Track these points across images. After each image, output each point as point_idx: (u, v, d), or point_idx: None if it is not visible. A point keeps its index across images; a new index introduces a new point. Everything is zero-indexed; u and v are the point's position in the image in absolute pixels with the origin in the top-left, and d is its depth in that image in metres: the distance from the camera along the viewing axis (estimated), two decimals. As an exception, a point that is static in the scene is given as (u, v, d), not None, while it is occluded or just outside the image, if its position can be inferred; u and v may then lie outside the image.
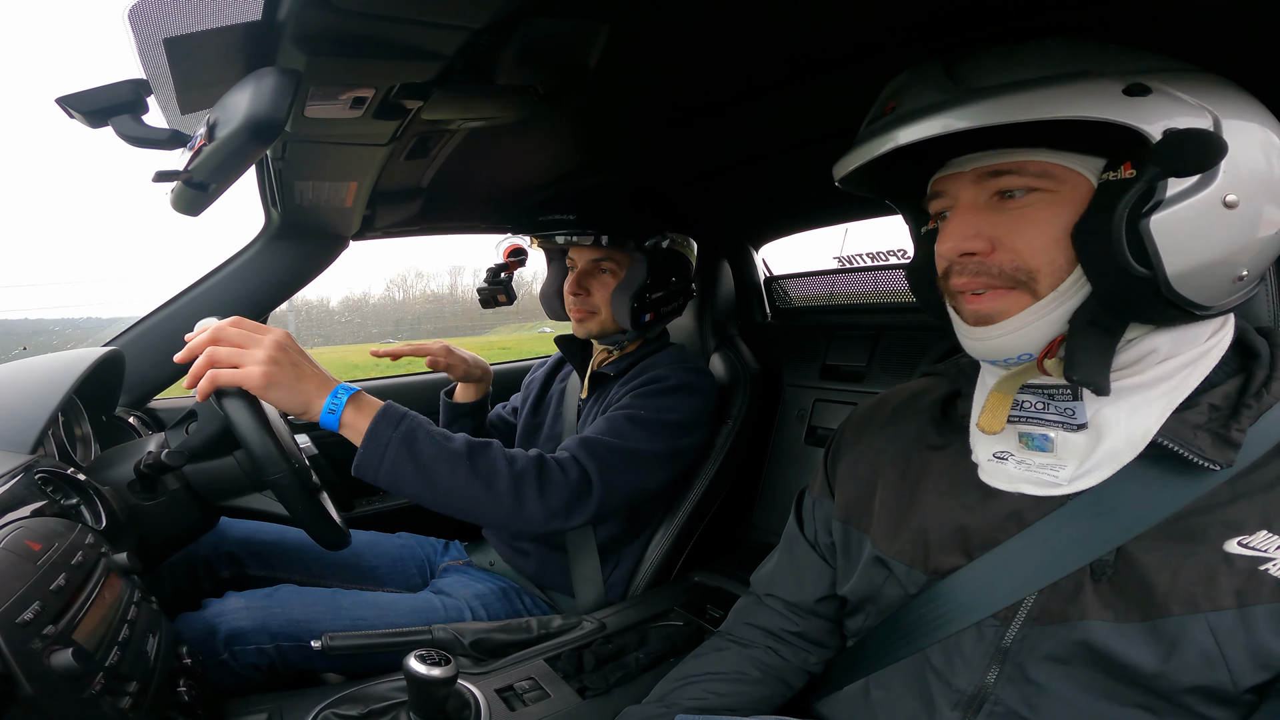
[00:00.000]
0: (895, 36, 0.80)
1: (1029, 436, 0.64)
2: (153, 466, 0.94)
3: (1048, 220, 0.59)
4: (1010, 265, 0.60)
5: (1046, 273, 0.59)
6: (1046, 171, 0.59)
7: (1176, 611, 0.54)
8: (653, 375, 1.25)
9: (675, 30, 0.80)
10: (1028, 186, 0.60)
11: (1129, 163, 0.55)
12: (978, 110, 0.55)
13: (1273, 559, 0.52)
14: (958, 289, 0.64)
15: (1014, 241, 0.60)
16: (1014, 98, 0.55)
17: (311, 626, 1.05)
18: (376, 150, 0.97)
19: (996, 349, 0.62)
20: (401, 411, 0.95)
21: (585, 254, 1.32)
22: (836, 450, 0.84)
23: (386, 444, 0.92)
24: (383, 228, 1.49)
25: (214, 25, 0.52)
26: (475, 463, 0.96)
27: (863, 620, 0.75)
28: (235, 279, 1.44)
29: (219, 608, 1.04)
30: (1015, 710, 0.60)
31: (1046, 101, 0.54)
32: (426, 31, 0.65)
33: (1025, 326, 0.60)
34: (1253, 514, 0.54)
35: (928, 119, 0.57)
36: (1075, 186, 0.58)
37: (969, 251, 0.62)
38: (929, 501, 0.69)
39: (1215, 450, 0.55)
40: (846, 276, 1.68)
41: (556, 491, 1.02)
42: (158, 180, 0.69)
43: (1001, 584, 0.62)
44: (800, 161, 1.30)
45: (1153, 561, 0.56)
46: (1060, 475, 0.61)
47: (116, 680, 0.65)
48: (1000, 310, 0.61)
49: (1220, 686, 0.52)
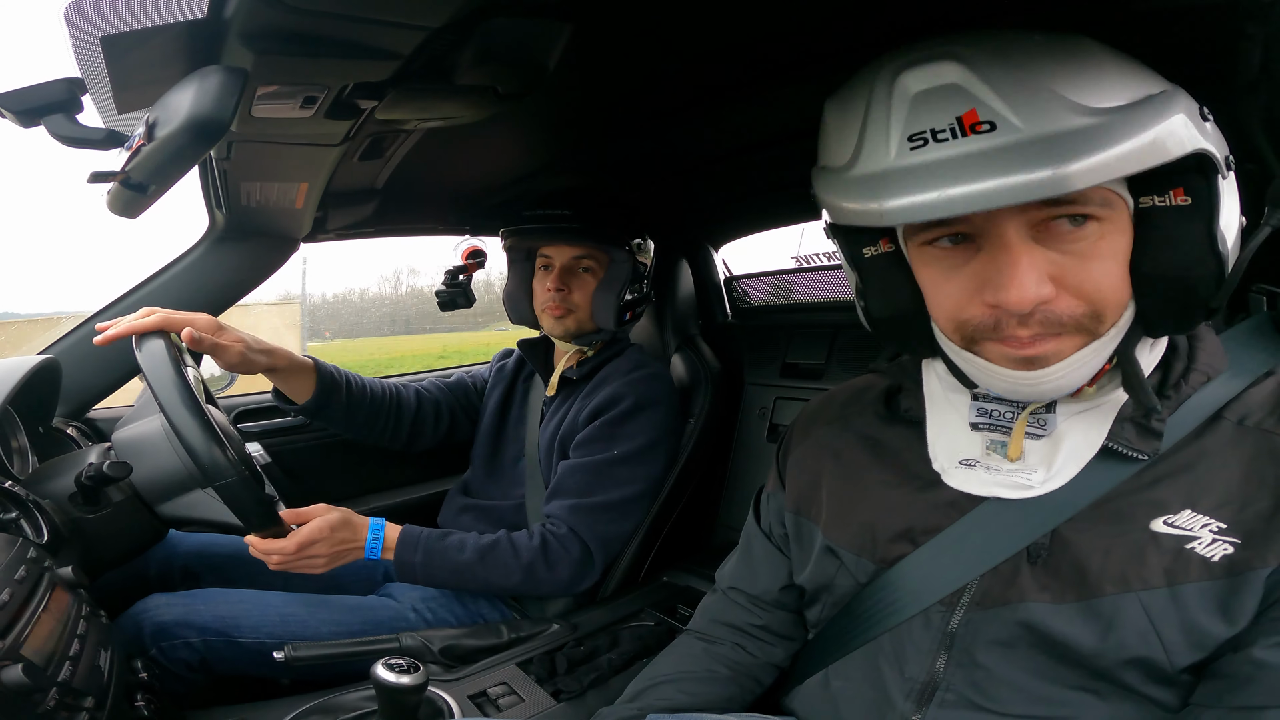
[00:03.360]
0: (859, 41, 0.81)
1: (995, 443, 0.65)
2: (95, 478, 0.91)
3: (1111, 254, 0.54)
4: (1080, 311, 0.54)
5: (1113, 311, 0.55)
6: (1107, 199, 0.53)
7: (1110, 591, 0.56)
8: (609, 395, 1.25)
9: (637, 32, 0.80)
10: (1088, 215, 0.53)
11: (1181, 189, 0.53)
12: (1135, 146, 0.47)
13: (1198, 537, 0.54)
14: (1009, 339, 0.56)
15: (1081, 283, 0.54)
16: (1155, 130, 0.48)
17: (238, 621, 1.04)
18: (328, 150, 0.94)
19: (1049, 391, 0.58)
20: (414, 538, 1.12)
21: (566, 252, 1.31)
22: (787, 445, 0.86)
23: (414, 569, 1.11)
24: (335, 229, 1.45)
25: (155, 23, 0.50)
26: (487, 564, 1.13)
27: (820, 611, 0.76)
28: (177, 283, 1.38)
29: (142, 605, 1.02)
30: (966, 696, 0.62)
31: (1177, 132, 0.49)
32: (383, 30, 0.63)
33: (1082, 366, 0.56)
34: (1176, 494, 0.57)
35: (1083, 156, 0.47)
36: (1120, 212, 0.55)
37: (1043, 300, 0.53)
38: (874, 492, 0.71)
39: (1140, 440, 0.58)
40: (804, 276, 1.70)
41: (564, 566, 1.16)
42: (93, 181, 0.66)
43: (945, 570, 0.64)
44: (760, 163, 1.31)
45: (1085, 543, 0.58)
46: (1033, 479, 0.62)
47: (70, 696, 0.65)
48: (1054, 353, 0.55)
49: (1157, 664, 0.55)
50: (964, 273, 0.57)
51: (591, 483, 1.21)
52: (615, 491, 1.21)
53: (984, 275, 0.55)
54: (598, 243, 1.30)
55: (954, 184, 0.49)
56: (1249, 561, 0.53)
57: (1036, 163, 0.47)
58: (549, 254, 1.32)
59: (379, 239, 1.63)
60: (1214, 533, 0.54)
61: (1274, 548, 0.52)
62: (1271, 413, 0.57)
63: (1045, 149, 0.47)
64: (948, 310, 0.59)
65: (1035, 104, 0.49)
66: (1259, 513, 0.53)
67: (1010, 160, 0.48)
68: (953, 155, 0.50)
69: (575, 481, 1.21)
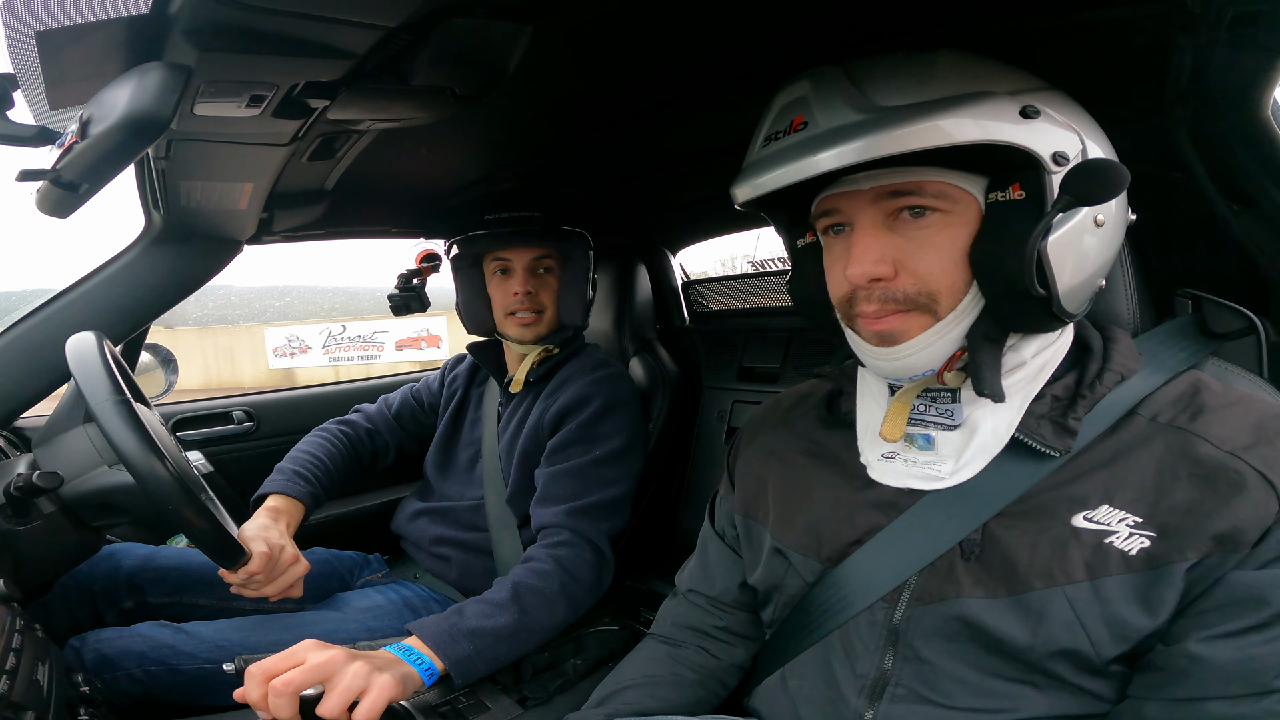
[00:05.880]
0: (809, 53, 0.84)
1: (914, 436, 0.68)
2: (24, 489, 0.86)
3: (947, 242, 0.61)
4: (914, 290, 0.62)
5: (947, 295, 0.62)
6: (943, 192, 0.61)
7: (1038, 586, 0.59)
8: (576, 396, 1.23)
9: (598, 36, 0.80)
10: (927, 207, 0.61)
11: (1017, 184, 0.59)
12: (898, 135, 0.55)
13: (1116, 532, 0.57)
14: (861, 314, 0.65)
15: (916, 265, 0.62)
16: (929, 122, 0.55)
17: (178, 650, 1.02)
18: (276, 150, 0.91)
19: (903, 368, 0.65)
20: (447, 630, 0.94)
21: (527, 254, 1.28)
22: (736, 449, 0.88)
23: (469, 660, 0.93)
24: (282, 231, 1.40)
25: (95, 18, 0.47)
26: (528, 612, 1.00)
27: (773, 611, 0.78)
28: (110, 286, 1.30)
29: (79, 640, 1.01)
30: (916, 691, 0.64)
31: (959, 125, 0.55)
32: (337, 29, 0.61)
33: (928, 346, 0.63)
34: (1094, 490, 0.60)
35: (849, 142, 0.56)
36: (967, 206, 0.61)
37: (878, 277, 0.62)
38: (817, 494, 0.73)
39: (1056, 438, 0.61)
40: (759, 280, 1.73)
41: (586, 570, 1.11)
42: (21, 180, 0.62)
43: (886, 568, 0.66)
44: (717, 167, 1.32)
45: (1012, 539, 0.61)
46: (942, 470, 0.66)
47: (10, 710, 0.63)
48: (901, 331, 0.63)
49: (1084, 655, 0.58)
50: (841, 257, 0.66)
51: (580, 486, 1.18)
52: (606, 491, 1.19)
53: (846, 256, 0.64)
54: (559, 241, 1.28)
55: (769, 171, 0.60)
56: (1167, 555, 0.55)
57: (817, 149, 0.57)
58: (507, 256, 1.29)
59: (328, 241, 1.58)
60: (1131, 527, 0.57)
61: (1191, 542, 0.55)
62: (1184, 410, 0.61)
63: (827, 139, 0.57)
64: (832, 289, 0.69)
65: (835, 105, 0.59)
66: (1173, 507, 0.56)
67: (806, 149, 0.58)
68: (780, 148, 0.61)
69: (564, 487, 1.18)
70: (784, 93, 0.65)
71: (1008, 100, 0.57)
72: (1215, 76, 0.67)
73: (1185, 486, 0.56)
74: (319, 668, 0.77)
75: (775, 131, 0.64)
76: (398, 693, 0.81)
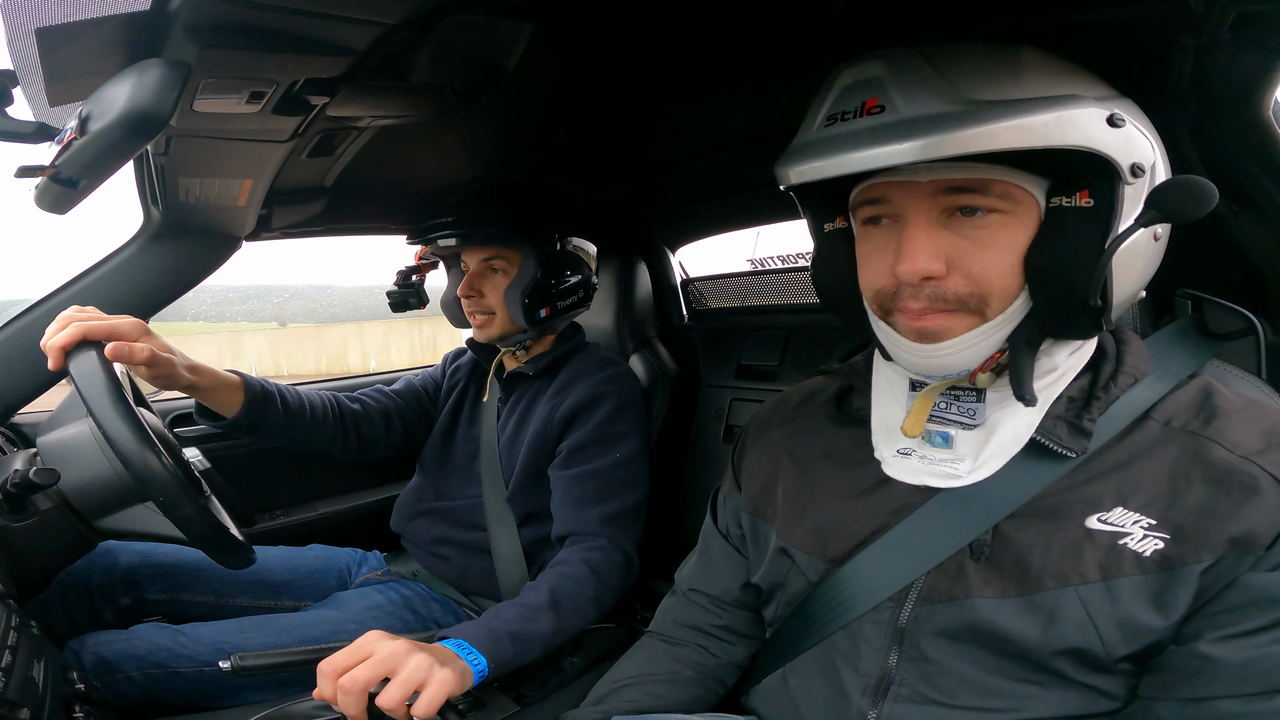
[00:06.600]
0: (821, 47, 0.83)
1: (931, 434, 0.68)
2: (20, 485, 0.86)
3: (1006, 244, 0.59)
4: (965, 290, 0.60)
5: (999, 297, 0.60)
6: (1007, 193, 0.58)
7: (1050, 586, 0.59)
8: (587, 395, 1.22)
9: (598, 34, 0.79)
10: (989, 207, 0.59)
11: (1086, 191, 0.57)
12: (991, 132, 0.52)
13: (1130, 533, 0.58)
14: (904, 309, 0.62)
15: (970, 265, 0.59)
16: (1023, 120, 0.52)
17: (177, 653, 1.01)
18: (275, 147, 0.91)
19: (939, 366, 0.63)
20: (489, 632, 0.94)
21: (475, 255, 1.27)
22: (742, 447, 0.87)
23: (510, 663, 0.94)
24: (280, 228, 1.40)
25: (96, 15, 0.47)
26: (563, 613, 1.02)
27: (775, 610, 0.78)
28: (108, 282, 1.30)
29: (78, 643, 1.00)
30: (920, 691, 0.64)
31: (1056, 128, 0.53)
32: (337, 25, 0.61)
33: (972, 347, 0.61)
34: (1108, 492, 0.60)
35: (938, 134, 0.52)
36: (1028, 209, 0.59)
37: (930, 275, 0.59)
38: (826, 493, 0.73)
39: (1071, 439, 0.61)
40: (758, 278, 1.73)
41: (615, 574, 1.12)
42: (20, 176, 0.62)
43: (893, 568, 0.66)
44: (718, 165, 1.32)
45: (1025, 539, 0.61)
46: (960, 468, 0.65)
47: (5, 707, 0.63)
48: (945, 329, 0.61)
49: (1094, 654, 0.58)
50: (885, 249, 0.63)
51: (604, 489, 1.18)
52: (630, 496, 1.20)
53: (895, 250, 0.62)
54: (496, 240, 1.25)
55: (837, 154, 0.56)
56: (1181, 557, 0.56)
57: (901, 137, 0.53)
58: (465, 260, 1.29)
59: (328, 238, 1.58)
60: (1145, 529, 0.57)
61: (1206, 544, 0.55)
62: (1196, 415, 0.61)
63: (913, 128, 0.53)
64: (868, 280, 0.66)
65: (920, 93, 0.55)
66: (1187, 510, 0.57)
67: (884, 135, 0.54)
68: (849, 130, 0.58)
69: (587, 489, 1.18)
70: (849, 71, 0.60)
71: (1096, 106, 0.55)
72: (1217, 77, 0.67)
73: (1199, 490, 0.57)
74: (383, 661, 0.77)
75: (841, 112, 0.59)
76: (456, 688, 0.81)
